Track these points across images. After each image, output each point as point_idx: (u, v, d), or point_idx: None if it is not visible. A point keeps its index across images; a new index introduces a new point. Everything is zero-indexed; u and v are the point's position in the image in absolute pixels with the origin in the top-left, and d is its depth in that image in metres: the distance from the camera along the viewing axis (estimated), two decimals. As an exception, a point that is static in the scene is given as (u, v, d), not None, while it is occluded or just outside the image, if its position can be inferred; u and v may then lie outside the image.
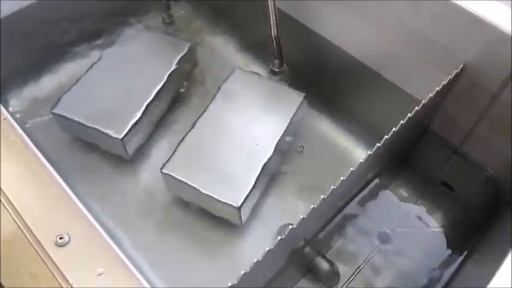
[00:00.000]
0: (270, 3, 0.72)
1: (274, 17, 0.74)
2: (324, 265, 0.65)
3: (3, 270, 0.43)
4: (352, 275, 0.68)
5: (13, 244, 0.44)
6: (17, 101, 0.83)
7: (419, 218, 0.74)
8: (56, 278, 0.42)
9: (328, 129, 0.82)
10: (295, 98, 0.75)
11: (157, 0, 0.93)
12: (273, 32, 0.76)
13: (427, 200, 0.76)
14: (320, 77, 0.82)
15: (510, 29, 0.54)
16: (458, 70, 0.59)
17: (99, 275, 0.42)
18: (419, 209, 0.75)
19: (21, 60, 0.83)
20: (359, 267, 0.69)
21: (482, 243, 0.65)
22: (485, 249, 0.61)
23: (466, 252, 0.69)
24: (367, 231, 0.72)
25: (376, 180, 0.72)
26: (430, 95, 0.55)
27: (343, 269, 0.68)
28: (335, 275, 0.66)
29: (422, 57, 0.65)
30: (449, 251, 0.71)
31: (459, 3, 0.57)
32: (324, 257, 0.66)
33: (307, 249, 0.62)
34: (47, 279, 0.42)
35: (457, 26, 0.58)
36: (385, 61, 0.71)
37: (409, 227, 0.73)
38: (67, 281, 0.41)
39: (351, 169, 0.49)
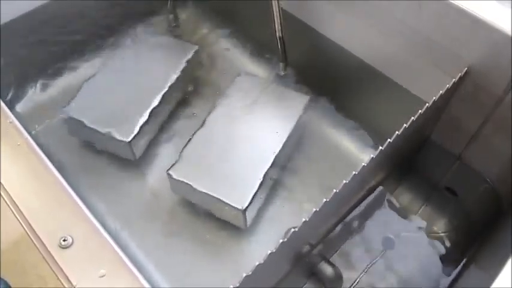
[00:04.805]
0: (275, 4, 0.72)
1: (279, 18, 0.74)
2: (328, 269, 0.65)
3: (11, 272, 0.43)
4: (355, 280, 0.68)
5: (19, 246, 0.45)
6: (26, 103, 0.84)
7: (424, 224, 0.74)
8: (60, 280, 0.42)
9: (333, 132, 0.81)
10: (300, 101, 0.75)
11: (163, 3, 0.94)
12: (278, 33, 0.76)
13: (431, 205, 0.75)
14: (325, 78, 0.82)
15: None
16: (463, 73, 0.59)
17: (102, 276, 0.42)
18: (424, 215, 0.75)
19: (30, 63, 0.84)
20: (363, 271, 0.69)
21: (484, 248, 0.64)
22: (487, 254, 0.60)
23: (468, 257, 0.69)
24: (371, 236, 0.72)
25: (381, 186, 0.72)
26: (434, 98, 0.55)
27: (347, 274, 0.67)
28: (338, 279, 0.66)
29: (427, 59, 0.65)
30: (452, 256, 0.70)
31: (461, 5, 0.57)
32: (328, 261, 0.66)
33: (311, 254, 0.62)
34: (51, 280, 0.42)
35: (460, 28, 0.58)
36: (390, 62, 0.71)
37: (413, 232, 0.73)
38: (70, 282, 0.42)
39: (354, 172, 0.49)
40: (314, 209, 0.46)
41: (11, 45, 0.78)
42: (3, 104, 0.54)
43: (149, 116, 0.73)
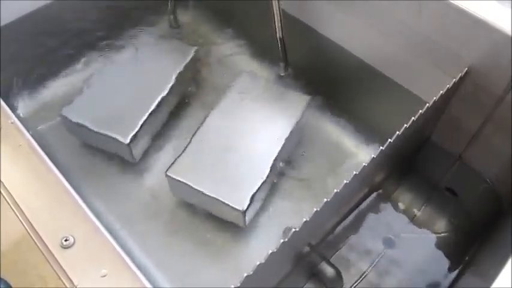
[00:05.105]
0: (275, 4, 0.73)
1: (279, 19, 0.74)
2: (328, 270, 0.65)
3: (12, 272, 0.43)
4: (356, 280, 0.68)
5: (21, 246, 0.45)
6: (27, 104, 0.84)
7: (424, 224, 0.74)
8: (61, 279, 0.42)
9: (333, 132, 0.82)
10: (301, 101, 0.75)
11: (164, 5, 0.94)
12: (278, 34, 0.76)
13: (431, 205, 0.76)
14: (325, 78, 0.83)
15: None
16: (463, 73, 0.59)
17: (103, 276, 0.42)
18: (424, 215, 0.75)
19: (31, 64, 0.84)
20: (363, 272, 0.69)
21: (484, 248, 0.65)
22: (487, 254, 0.60)
23: (468, 257, 0.69)
24: (371, 236, 0.72)
25: (382, 186, 0.72)
26: (434, 98, 0.55)
27: (348, 274, 0.67)
28: (339, 279, 0.66)
29: (428, 59, 0.65)
30: (452, 257, 0.70)
31: (461, 5, 0.57)
32: (328, 262, 0.66)
33: (312, 254, 0.62)
34: (52, 280, 0.43)
35: (460, 28, 0.58)
36: (390, 63, 0.71)
37: (414, 232, 0.73)
38: (72, 282, 0.42)
39: (354, 172, 0.49)
40: (314, 209, 0.46)
41: (13, 46, 0.78)
42: (4, 105, 0.54)
43: (149, 116, 0.73)
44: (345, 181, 0.49)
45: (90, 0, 0.85)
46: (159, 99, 0.75)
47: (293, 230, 0.45)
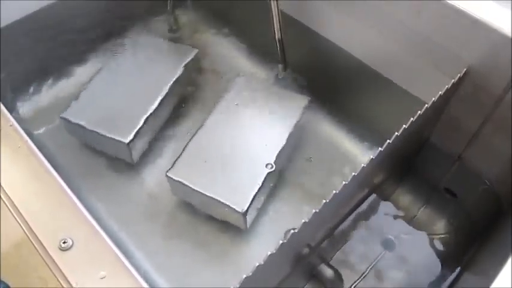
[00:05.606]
0: (273, 5, 0.73)
1: (278, 20, 0.74)
2: (328, 271, 0.65)
3: (13, 274, 0.43)
4: (355, 281, 0.68)
5: (21, 248, 0.45)
6: (26, 106, 0.84)
7: (424, 225, 0.74)
8: (60, 282, 0.42)
9: (332, 134, 0.82)
10: (300, 102, 0.75)
11: (163, 6, 0.94)
12: (277, 35, 0.76)
13: (431, 206, 0.76)
14: (324, 79, 0.83)
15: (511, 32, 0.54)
16: (462, 74, 0.59)
17: (102, 278, 0.42)
18: (423, 216, 0.75)
19: (30, 66, 0.84)
20: (363, 273, 0.69)
21: (484, 248, 0.64)
22: (487, 254, 0.60)
23: (468, 258, 0.69)
24: (371, 238, 0.72)
25: (381, 188, 0.72)
26: (433, 99, 0.55)
27: (347, 275, 0.67)
28: (339, 281, 0.66)
29: (427, 60, 0.65)
30: (452, 257, 0.70)
31: (461, 6, 0.57)
32: (327, 263, 0.66)
33: (311, 256, 0.62)
34: (53, 282, 0.43)
35: (459, 29, 0.58)
36: (389, 63, 0.71)
37: (413, 233, 0.73)
38: (70, 284, 0.42)
39: (353, 173, 0.49)
40: (314, 210, 0.46)
41: (12, 48, 0.78)
42: (3, 107, 0.54)
43: (148, 117, 0.73)
44: (344, 182, 0.48)
45: (89, 1, 0.85)
46: (158, 99, 0.75)
47: (292, 231, 0.45)
